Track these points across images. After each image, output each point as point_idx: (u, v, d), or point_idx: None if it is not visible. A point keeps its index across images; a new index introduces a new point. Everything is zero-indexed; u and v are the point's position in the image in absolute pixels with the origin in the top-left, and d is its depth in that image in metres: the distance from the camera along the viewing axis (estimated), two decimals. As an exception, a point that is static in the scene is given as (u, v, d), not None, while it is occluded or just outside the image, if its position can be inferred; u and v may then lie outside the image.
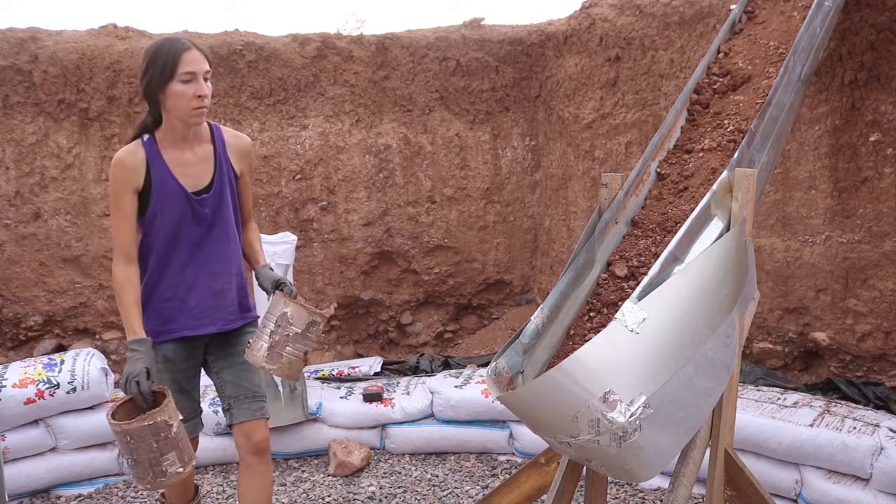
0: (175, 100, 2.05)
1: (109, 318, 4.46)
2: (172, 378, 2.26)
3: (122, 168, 2.09)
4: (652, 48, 3.91)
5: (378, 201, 4.70)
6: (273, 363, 2.13)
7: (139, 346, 2.05)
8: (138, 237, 2.18)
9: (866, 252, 3.15)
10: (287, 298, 2.17)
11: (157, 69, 2.04)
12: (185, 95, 2.04)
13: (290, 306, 2.15)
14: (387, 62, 4.58)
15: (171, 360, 2.26)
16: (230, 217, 2.26)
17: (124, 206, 2.10)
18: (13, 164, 4.22)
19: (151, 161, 2.11)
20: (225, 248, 2.26)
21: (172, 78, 2.03)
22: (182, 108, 2.06)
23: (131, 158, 2.10)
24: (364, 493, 3.28)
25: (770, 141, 2.12)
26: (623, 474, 1.52)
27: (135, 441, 1.90)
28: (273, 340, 2.13)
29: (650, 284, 1.50)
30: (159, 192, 2.13)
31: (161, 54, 2.05)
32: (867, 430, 2.74)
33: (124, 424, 1.90)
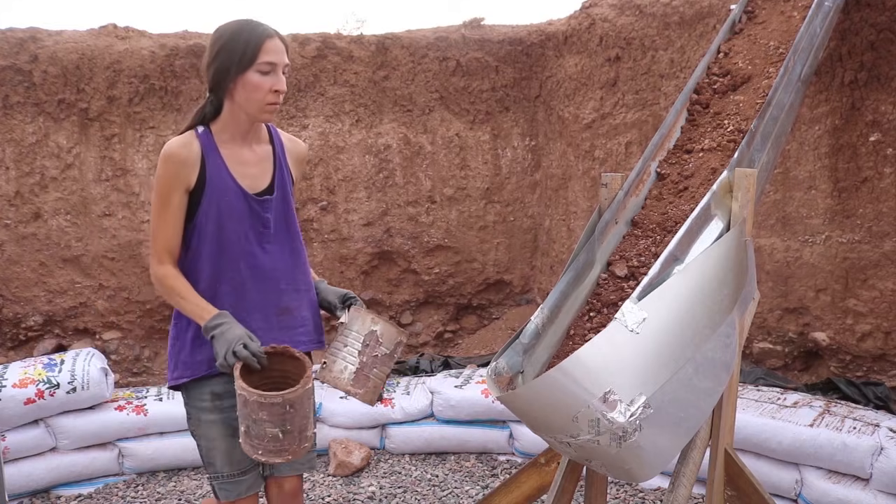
0: (249, 92, 1.80)
1: (109, 318, 4.46)
2: (224, 419, 1.91)
3: (173, 161, 1.80)
4: (652, 48, 3.91)
5: (378, 201, 4.70)
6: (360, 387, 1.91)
7: (221, 317, 1.76)
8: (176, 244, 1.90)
9: (866, 252, 3.15)
10: (374, 315, 1.97)
11: (234, 55, 1.78)
12: (260, 88, 1.80)
13: (380, 324, 1.95)
14: (387, 62, 4.58)
15: (222, 397, 1.90)
16: (295, 223, 1.99)
17: (172, 204, 1.81)
18: (13, 164, 4.22)
19: (207, 155, 1.83)
20: (291, 260, 1.97)
21: (250, 67, 1.78)
22: (255, 102, 1.81)
23: (184, 151, 1.81)
24: (364, 493, 3.28)
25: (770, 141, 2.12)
26: (623, 474, 1.52)
27: (293, 409, 1.66)
28: (361, 361, 1.91)
29: (650, 284, 1.50)
30: (214, 191, 1.84)
31: (240, 38, 1.79)
32: (867, 430, 2.74)
33: (287, 394, 1.64)
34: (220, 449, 1.94)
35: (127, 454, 3.46)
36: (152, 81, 4.29)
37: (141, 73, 4.27)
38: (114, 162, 4.34)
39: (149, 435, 3.51)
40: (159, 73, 4.29)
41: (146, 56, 4.27)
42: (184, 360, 1.91)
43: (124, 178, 4.37)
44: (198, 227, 1.85)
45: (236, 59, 1.78)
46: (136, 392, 3.70)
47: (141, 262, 4.43)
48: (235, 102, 1.83)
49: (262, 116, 1.86)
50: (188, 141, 1.83)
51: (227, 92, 1.83)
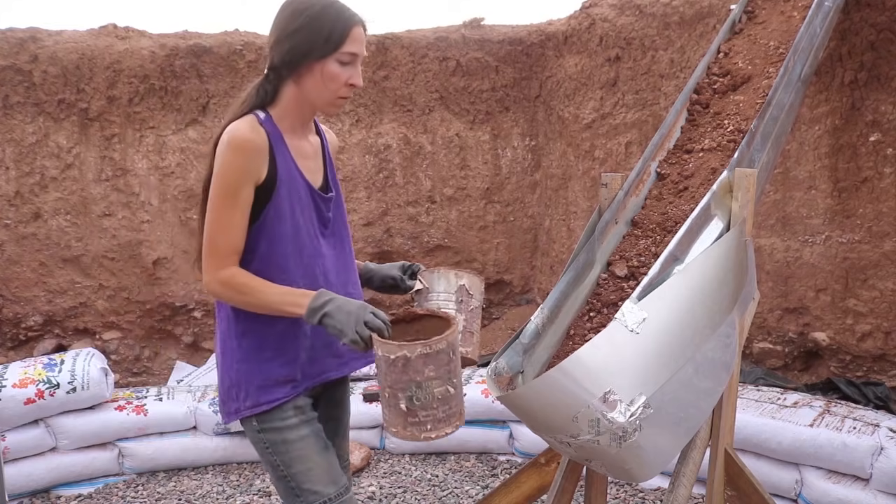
0: (323, 81, 1.58)
1: (109, 318, 4.46)
2: (315, 432, 1.69)
3: (246, 150, 1.53)
4: (652, 48, 3.91)
5: (378, 201, 4.70)
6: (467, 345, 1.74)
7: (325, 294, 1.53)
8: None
9: (866, 252, 3.15)
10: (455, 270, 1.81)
11: (316, 37, 1.55)
12: (337, 79, 1.59)
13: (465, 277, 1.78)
14: (387, 62, 4.58)
15: (305, 410, 1.69)
16: (347, 222, 1.81)
17: (241, 200, 1.54)
18: (13, 164, 4.22)
19: (275, 145, 1.59)
20: (348, 263, 1.78)
21: (332, 54, 1.57)
22: (327, 93, 1.61)
23: (258, 139, 1.55)
24: (364, 493, 3.28)
25: (770, 141, 2.12)
26: (623, 474, 1.51)
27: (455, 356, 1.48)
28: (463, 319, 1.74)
29: (650, 284, 1.50)
30: (285, 185, 1.60)
31: (326, 19, 1.57)
32: (867, 430, 2.74)
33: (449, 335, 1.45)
34: (321, 466, 1.67)
35: (127, 454, 3.46)
36: (152, 81, 4.29)
37: (141, 73, 4.27)
38: (114, 162, 4.34)
39: (149, 435, 3.51)
40: (159, 73, 4.29)
41: (146, 56, 4.27)
42: (261, 385, 1.64)
43: (124, 178, 4.37)
44: (267, 227, 1.59)
45: (319, 42, 1.56)
46: (136, 392, 3.70)
47: (141, 261, 4.43)
48: (303, 89, 1.61)
49: (329, 109, 1.67)
50: (256, 127, 1.56)
51: (295, 75, 1.60)
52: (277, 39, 1.59)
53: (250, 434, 1.68)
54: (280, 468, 1.66)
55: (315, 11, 1.57)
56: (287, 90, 1.62)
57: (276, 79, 1.62)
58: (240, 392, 1.65)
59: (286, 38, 1.57)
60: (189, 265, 4.51)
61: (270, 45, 1.61)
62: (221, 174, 1.54)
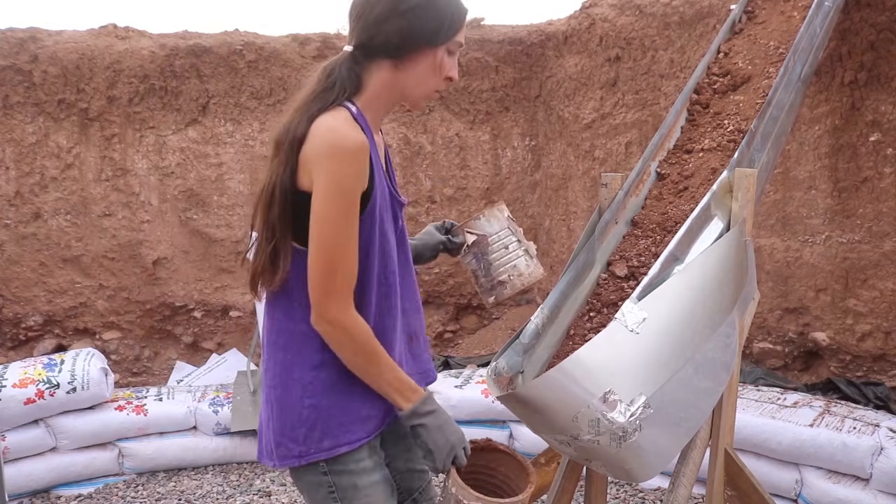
0: (428, 70, 1.39)
1: (109, 318, 4.46)
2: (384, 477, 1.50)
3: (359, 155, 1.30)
4: (652, 48, 3.91)
5: (378, 201, 4.70)
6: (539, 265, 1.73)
7: (431, 402, 1.40)
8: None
9: (866, 252, 3.15)
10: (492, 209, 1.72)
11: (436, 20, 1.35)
12: (444, 69, 1.40)
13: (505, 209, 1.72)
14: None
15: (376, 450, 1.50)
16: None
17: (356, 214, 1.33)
18: (13, 164, 4.22)
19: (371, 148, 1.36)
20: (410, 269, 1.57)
21: (446, 41, 1.37)
22: (427, 86, 1.43)
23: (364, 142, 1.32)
24: (364, 493, 3.28)
25: (770, 141, 2.12)
26: (623, 474, 1.51)
27: None
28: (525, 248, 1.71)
29: (650, 284, 1.50)
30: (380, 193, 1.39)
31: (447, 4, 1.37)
32: (867, 430, 2.74)
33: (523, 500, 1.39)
34: None
35: (127, 454, 3.46)
36: (152, 81, 4.29)
37: (141, 73, 4.27)
38: (114, 162, 4.34)
39: (149, 435, 3.50)
40: (159, 73, 4.29)
41: (146, 56, 4.27)
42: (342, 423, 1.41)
43: (124, 178, 4.37)
44: (365, 241, 1.38)
45: (441, 26, 1.35)
46: (135, 392, 3.70)
47: (141, 261, 4.43)
48: (403, 77, 1.40)
49: (420, 104, 1.50)
50: (355, 125, 1.34)
51: (397, 60, 1.38)
52: (383, 16, 1.34)
53: (310, 477, 1.44)
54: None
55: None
56: (378, 76, 1.39)
57: (365, 61, 1.39)
58: (312, 432, 1.40)
59: (397, 15, 1.33)
60: (187, 264, 4.51)
61: (366, 21, 1.36)
62: (336, 186, 1.29)
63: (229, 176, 4.48)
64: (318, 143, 1.31)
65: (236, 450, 3.58)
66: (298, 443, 1.40)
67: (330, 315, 1.33)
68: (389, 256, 1.44)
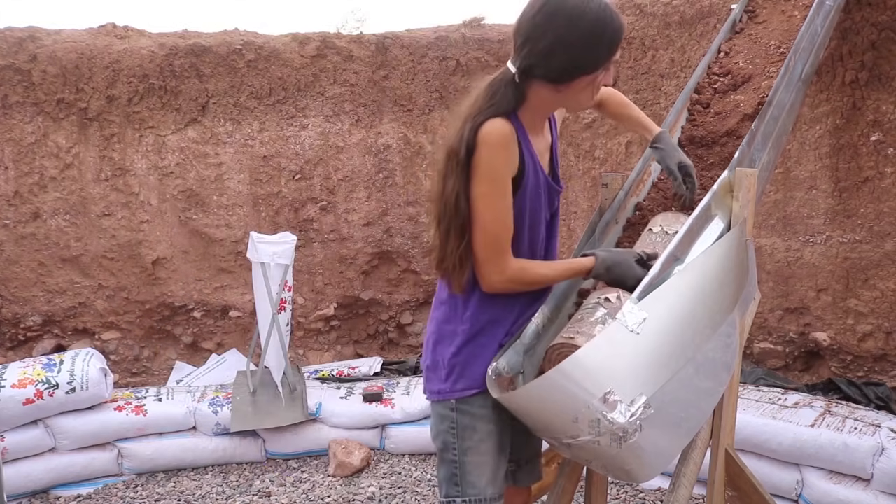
0: (579, 94, 1.56)
1: (108, 318, 4.46)
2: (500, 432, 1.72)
3: (507, 143, 1.52)
4: (652, 48, 3.91)
5: (378, 201, 4.69)
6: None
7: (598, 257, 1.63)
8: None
9: (867, 252, 3.15)
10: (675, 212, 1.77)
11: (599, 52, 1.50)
12: (592, 91, 1.57)
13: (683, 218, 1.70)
14: (387, 62, 4.58)
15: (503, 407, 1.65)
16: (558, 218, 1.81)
17: (508, 190, 1.55)
18: (12, 163, 4.22)
19: (522, 143, 1.58)
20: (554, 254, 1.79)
21: (603, 67, 1.53)
22: (578, 104, 1.63)
23: (512, 133, 1.53)
24: (364, 494, 3.28)
25: (771, 140, 2.11)
26: (623, 475, 1.51)
27: None
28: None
29: (650, 284, 1.49)
30: (529, 182, 1.60)
31: (605, 31, 1.48)
32: (868, 431, 2.73)
33: None
34: (491, 466, 1.71)
35: (126, 454, 3.46)
36: (151, 81, 4.29)
37: (140, 73, 4.26)
38: (113, 162, 4.34)
39: (148, 435, 3.50)
40: (159, 73, 4.28)
41: (145, 55, 4.26)
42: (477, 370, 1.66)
43: (123, 178, 4.36)
44: (517, 219, 1.60)
45: (592, 59, 1.50)
46: (135, 392, 3.69)
47: (140, 261, 4.43)
48: (564, 96, 1.56)
49: (578, 111, 1.71)
50: (506, 122, 1.53)
51: (555, 87, 1.53)
52: (549, 50, 1.47)
53: (442, 410, 1.72)
54: (454, 451, 1.70)
55: (593, 20, 1.46)
56: (538, 93, 1.56)
57: (527, 80, 1.54)
58: (451, 375, 1.68)
59: (562, 51, 1.47)
60: (186, 264, 4.51)
61: (534, 52, 1.49)
62: (487, 169, 1.52)
63: (229, 176, 4.48)
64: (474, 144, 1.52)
65: (236, 450, 3.57)
66: (439, 381, 1.72)
67: (497, 278, 1.58)
68: (536, 233, 1.68)
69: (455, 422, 1.70)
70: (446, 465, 1.73)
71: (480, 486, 1.70)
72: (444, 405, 1.71)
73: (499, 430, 1.70)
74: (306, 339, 4.73)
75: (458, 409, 1.69)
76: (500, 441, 1.72)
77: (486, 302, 1.66)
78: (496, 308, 1.67)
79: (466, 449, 1.69)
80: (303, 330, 4.69)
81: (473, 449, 1.69)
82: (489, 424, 1.68)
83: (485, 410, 1.68)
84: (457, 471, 1.71)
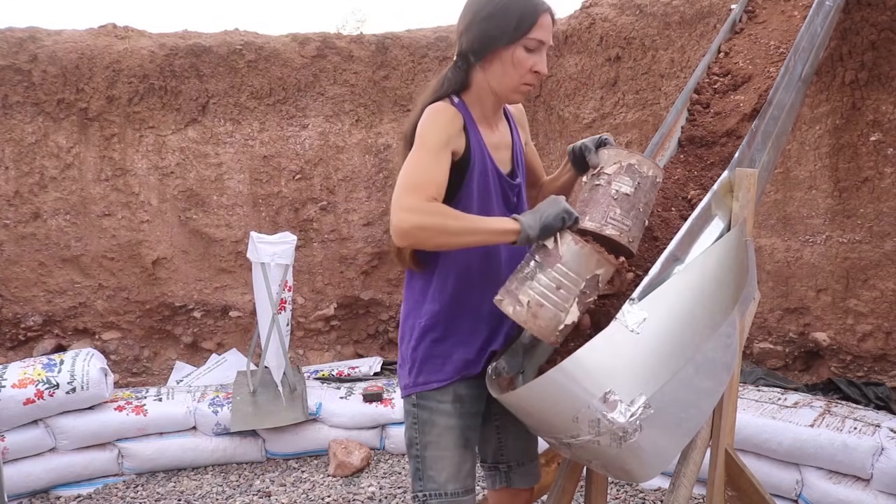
0: (507, 67, 1.58)
1: (109, 318, 4.46)
2: (462, 427, 1.71)
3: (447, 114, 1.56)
4: (652, 48, 3.91)
5: (378, 201, 4.69)
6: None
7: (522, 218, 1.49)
8: None
9: (867, 252, 3.15)
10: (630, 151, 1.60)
11: (505, 23, 1.55)
12: (523, 65, 1.58)
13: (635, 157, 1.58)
14: (387, 62, 4.58)
15: (463, 402, 1.70)
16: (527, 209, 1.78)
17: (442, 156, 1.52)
18: (12, 163, 4.22)
19: (469, 127, 1.60)
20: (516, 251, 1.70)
21: (519, 40, 1.56)
22: (510, 80, 1.60)
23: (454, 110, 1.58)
24: (364, 494, 3.28)
25: (771, 140, 2.11)
26: (623, 475, 1.51)
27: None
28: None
29: (650, 284, 1.49)
30: (479, 168, 1.61)
31: (516, 6, 1.56)
32: (868, 431, 2.73)
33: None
34: (452, 461, 1.70)
35: (126, 454, 3.46)
36: (152, 81, 4.29)
37: (140, 73, 4.26)
38: (113, 162, 4.34)
39: (148, 435, 3.50)
40: (159, 73, 4.29)
41: (146, 56, 4.26)
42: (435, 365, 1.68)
43: (124, 178, 4.36)
44: (461, 204, 1.59)
45: (508, 28, 1.55)
46: (135, 392, 3.69)
47: (140, 261, 4.43)
48: (488, 76, 1.61)
49: (512, 97, 1.65)
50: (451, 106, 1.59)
51: (482, 62, 1.60)
52: (468, 25, 1.60)
53: (407, 405, 1.75)
54: (417, 446, 1.72)
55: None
56: (475, 77, 1.63)
57: (464, 65, 1.63)
58: (412, 369, 1.71)
59: (476, 23, 1.58)
60: (187, 264, 4.51)
61: (460, 32, 1.62)
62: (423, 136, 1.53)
63: (229, 176, 4.48)
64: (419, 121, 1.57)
65: (236, 450, 3.58)
66: (405, 377, 1.74)
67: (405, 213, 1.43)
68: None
69: (416, 417, 1.72)
70: (412, 460, 1.75)
71: (440, 482, 1.70)
72: (408, 401, 1.74)
73: (461, 426, 1.70)
74: (306, 339, 4.73)
75: (419, 404, 1.71)
76: (463, 436, 1.71)
77: (441, 296, 1.67)
78: (452, 304, 1.67)
79: (427, 444, 1.71)
80: (303, 330, 4.69)
81: (433, 444, 1.70)
82: (449, 419, 1.69)
83: (443, 405, 1.69)
84: (420, 466, 1.72)
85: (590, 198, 1.59)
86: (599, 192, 1.57)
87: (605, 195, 1.55)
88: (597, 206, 1.55)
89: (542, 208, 1.50)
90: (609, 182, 1.57)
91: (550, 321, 1.47)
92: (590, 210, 1.56)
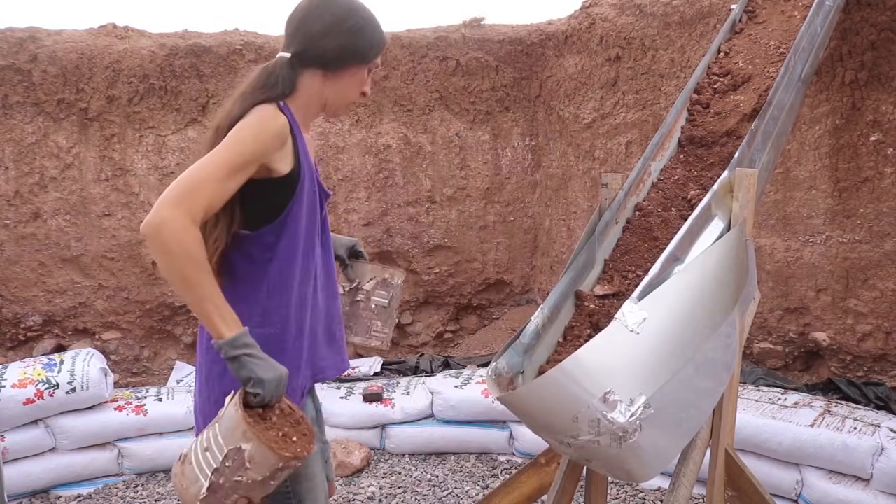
0: (351, 84, 1.59)
1: (109, 318, 4.46)
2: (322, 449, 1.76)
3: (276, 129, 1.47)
4: (652, 48, 3.91)
5: (378, 201, 4.69)
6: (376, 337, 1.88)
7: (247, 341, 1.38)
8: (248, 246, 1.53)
9: (867, 252, 3.15)
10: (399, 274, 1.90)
11: (361, 42, 1.57)
12: (359, 85, 1.61)
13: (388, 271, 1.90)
14: (387, 62, 4.58)
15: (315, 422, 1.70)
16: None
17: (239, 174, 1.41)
18: (12, 163, 4.22)
19: (297, 137, 1.54)
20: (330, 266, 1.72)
21: (372, 60, 1.61)
22: (346, 97, 1.61)
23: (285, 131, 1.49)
24: (364, 494, 3.28)
25: (771, 141, 2.11)
26: (623, 475, 1.51)
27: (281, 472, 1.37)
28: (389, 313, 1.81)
29: (650, 284, 1.50)
30: (308, 187, 1.56)
31: (372, 29, 1.59)
32: (868, 431, 2.73)
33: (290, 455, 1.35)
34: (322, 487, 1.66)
35: (126, 454, 3.46)
36: (152, 81, 4.29)
37: (140, 73, 4.26)
38: (113, 162, 4.34)
39: (148, 435, 3.50)
40: (159, 73, 4.29)
41: (146, 56, 4.26)
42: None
43: (124, 178, 4.36)
44: (289, 224, 1.53)
45: (363, 48, 1.57)
46: (135, 392, 3.69)
47: (141, 261, 4.43)
48: (332, 86, 1.58)
49: (340, 112, 1.66)
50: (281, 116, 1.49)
51: (331, 72, 1.56)
52: (325, 32, 1.53)
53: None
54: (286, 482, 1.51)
55: (366, 16, 1.59)
56: (310, 83, 1.56)
57: (300, 68, 1.55)
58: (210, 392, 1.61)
59: (337, 34, 1.54)
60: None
61: (308, 34, 1.53)
62: (238, 141, 1.42)
63: (229, 176, 4.48)
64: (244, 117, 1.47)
65: (236, 450, 3.57)
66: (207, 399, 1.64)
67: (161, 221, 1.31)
68: (311, 240, 1.60)
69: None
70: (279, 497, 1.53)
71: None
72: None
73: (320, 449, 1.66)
74: (306, 339, 4.73)
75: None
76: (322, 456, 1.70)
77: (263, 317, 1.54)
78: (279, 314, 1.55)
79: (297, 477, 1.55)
80: (303, 330, 4.69)
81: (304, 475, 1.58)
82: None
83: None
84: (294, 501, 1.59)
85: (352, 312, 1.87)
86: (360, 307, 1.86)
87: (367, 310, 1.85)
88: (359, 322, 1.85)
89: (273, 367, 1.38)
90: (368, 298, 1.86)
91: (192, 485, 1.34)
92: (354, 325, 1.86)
